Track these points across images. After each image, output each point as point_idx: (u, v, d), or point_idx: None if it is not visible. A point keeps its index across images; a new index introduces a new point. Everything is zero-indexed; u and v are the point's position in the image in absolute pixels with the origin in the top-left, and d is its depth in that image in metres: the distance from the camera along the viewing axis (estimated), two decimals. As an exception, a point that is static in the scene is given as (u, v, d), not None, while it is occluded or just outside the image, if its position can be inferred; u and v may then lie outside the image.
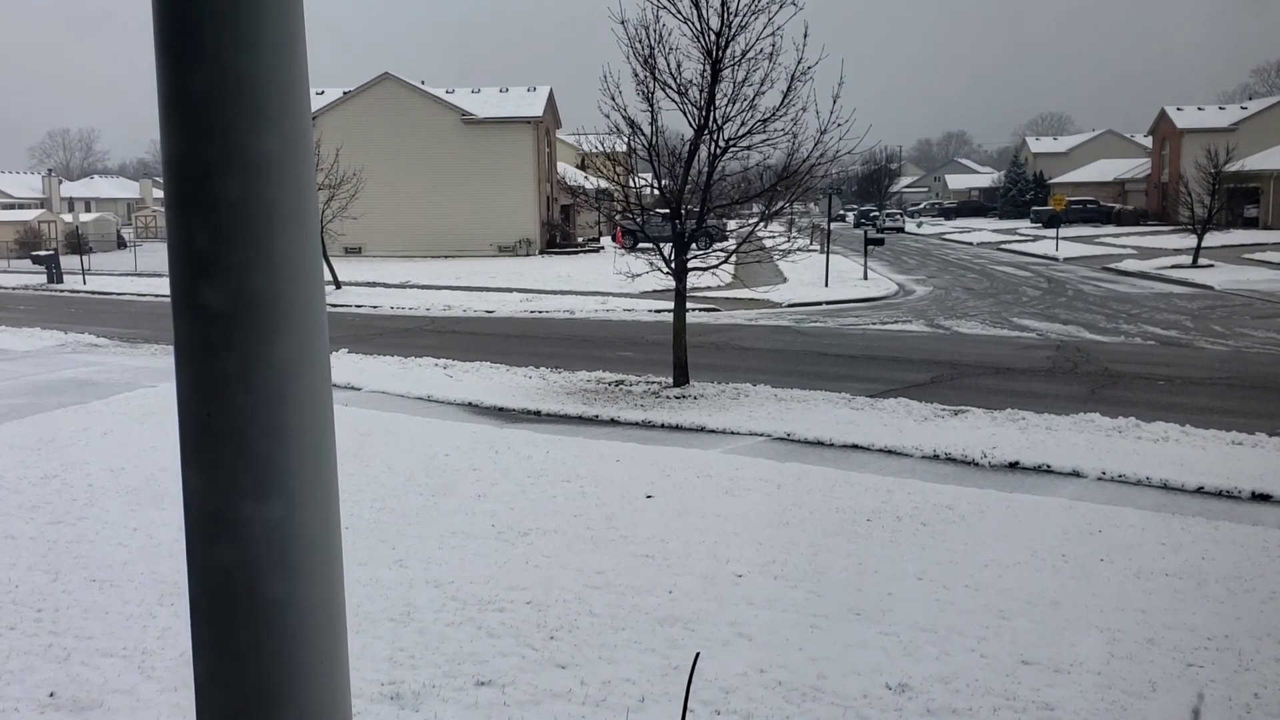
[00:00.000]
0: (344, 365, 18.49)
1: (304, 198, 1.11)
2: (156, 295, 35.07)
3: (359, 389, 16.50)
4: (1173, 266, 39.56)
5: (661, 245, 16.72)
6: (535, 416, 14.68)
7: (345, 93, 56.01)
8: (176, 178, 1.07)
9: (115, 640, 6.55)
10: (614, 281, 24.24)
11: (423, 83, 57.82)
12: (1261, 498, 10.29)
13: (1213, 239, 42.13)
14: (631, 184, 17.34)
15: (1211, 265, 39.14)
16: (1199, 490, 10.56)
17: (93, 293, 37.73)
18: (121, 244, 64.90)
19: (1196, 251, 40.43)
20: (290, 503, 1.11)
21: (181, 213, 1.07)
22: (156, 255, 50.02)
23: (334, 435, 1.18)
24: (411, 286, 37.33)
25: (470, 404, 15.53)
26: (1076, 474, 11.20)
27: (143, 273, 43.43)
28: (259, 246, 1.07)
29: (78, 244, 46.58)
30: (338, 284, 35.61)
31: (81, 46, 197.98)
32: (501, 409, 15.16)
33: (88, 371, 18.42)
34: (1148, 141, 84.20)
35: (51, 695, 5.80)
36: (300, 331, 1.10)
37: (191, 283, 1.08)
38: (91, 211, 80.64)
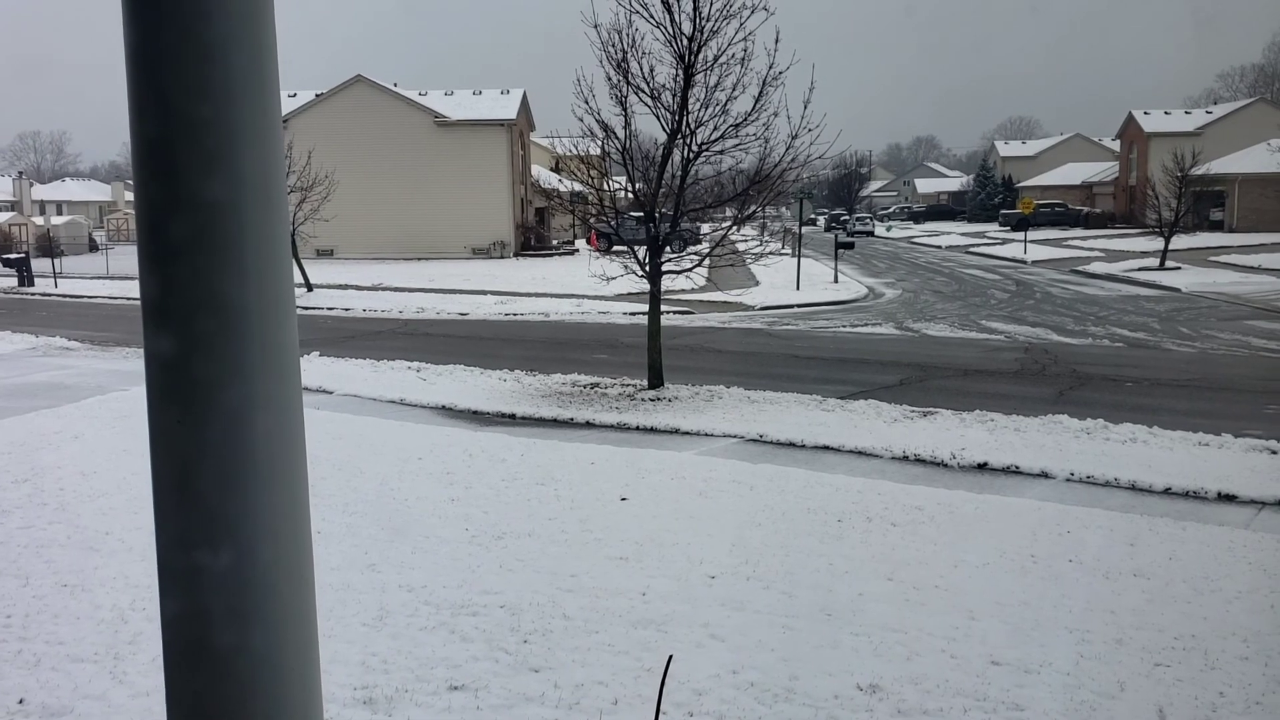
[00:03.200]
0: (315, 368, 18.41)
1: (270, 240, 1.08)
2: (128, 298, 34.77)
3: (330, 392, 16.44)
4: (1140, 269, 40.00)
5: (636, 248, 16.75)
6: (510, 420, 14.67)
7: (317, 95, 55.76)
8: (141, 221, 1.07)
9: (86, 645, 6.51)
10: (589, 284, 24.24)
11: (395, 85, 57.67)
12: (1227, 498, 10.43)
13: (1179, 242, 42.65)
14: (606, 187, 17.36)
15: (1178, 268, 39.61)
16: (1166, 491, 10.69)
17: (64, 296, 37.37)
18: (93, 247, 64.34)
19: (1163, 254, 40.90)
20: (243, 550, 1.09)
21: (144, 257, 1.07)
22: (128, 258, 49.61)
23: (304, 476, 1.14)
24: (384, 289, 37.19)
25: (444, 407, 15.51)
26: (1045, 475, 11.31)
27: (114, 276, 43.04)
28: (214, 291, 1.04)
29: (49, 247, 46.18)
30: (309, 286, 35.44)
31: (53, 48, 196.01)
32: (476, 412, 15.14)
33: (59, 375, 18.25)
34: (1115, 145, 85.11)
35: (21, 702, 5.76)
36: (255, 376, 1.07)
37: (149, 327, 1.07)
38: (63, 214, 79.95)
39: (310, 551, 1.18)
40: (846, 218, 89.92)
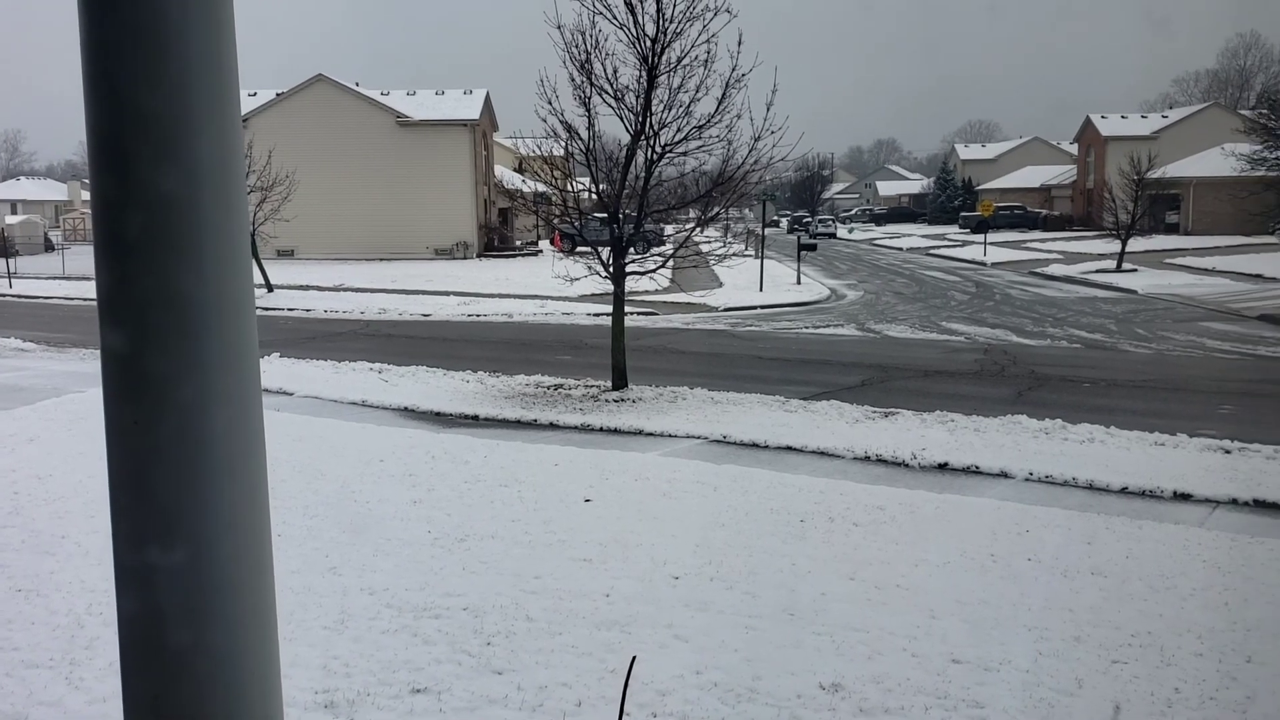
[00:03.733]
0: (276, 370, 18.26)
1: (228, 234, 1.07)
2: (85, 299, 34.28)
3: (291, 394, 16.30)
4: (1097, 271, 40.50)
5: (599, 249, 16.76)
6: (473, 421, 14.61)
7: (278, 94, 55.28)
8: (96, 214, 1.06)
9: (41, 651, 6.42)
10: (552, 285, 24.22)
11: (357, 84, 57.28)
12: (1182, 497, 10.58)
13: (1136, 244, 43.24)
14: (569, 188, 17.34)
15: (1135, 270, 40.15)
16: (1123, 490, 10.83)
17: (19, 296, 36.75)
18: (49, 247, 63.22)
19: (1120, 256, 41.44)
20: (198, 548, 1.09)
21: (99, 250, 1.05)
22: (85, 258, 48.90)
23: (264, 472, 1.14)
24: (345, 289, 36.93)
25: (406, 409, 15.42)
26: (1005, 475, 11.42)
27: (71, 276, 42.41)
28: (168, 286, 1.03)
29: (3, 247, 45.37)
30: (270, 287, 35.12)
31: (6, 44, 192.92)
32: (438, 414, 15.07)
33: (13, 377, 17.96)
34: (1073, 149, 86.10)
35: (-25, 709, 5.68)
36: (211, 371, 1.06)
37: (104, 322, 1.06)
38: (17, 214, 78.48)
39: (270, 548, 1.17)
40: (809, 219, 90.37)
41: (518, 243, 60.07)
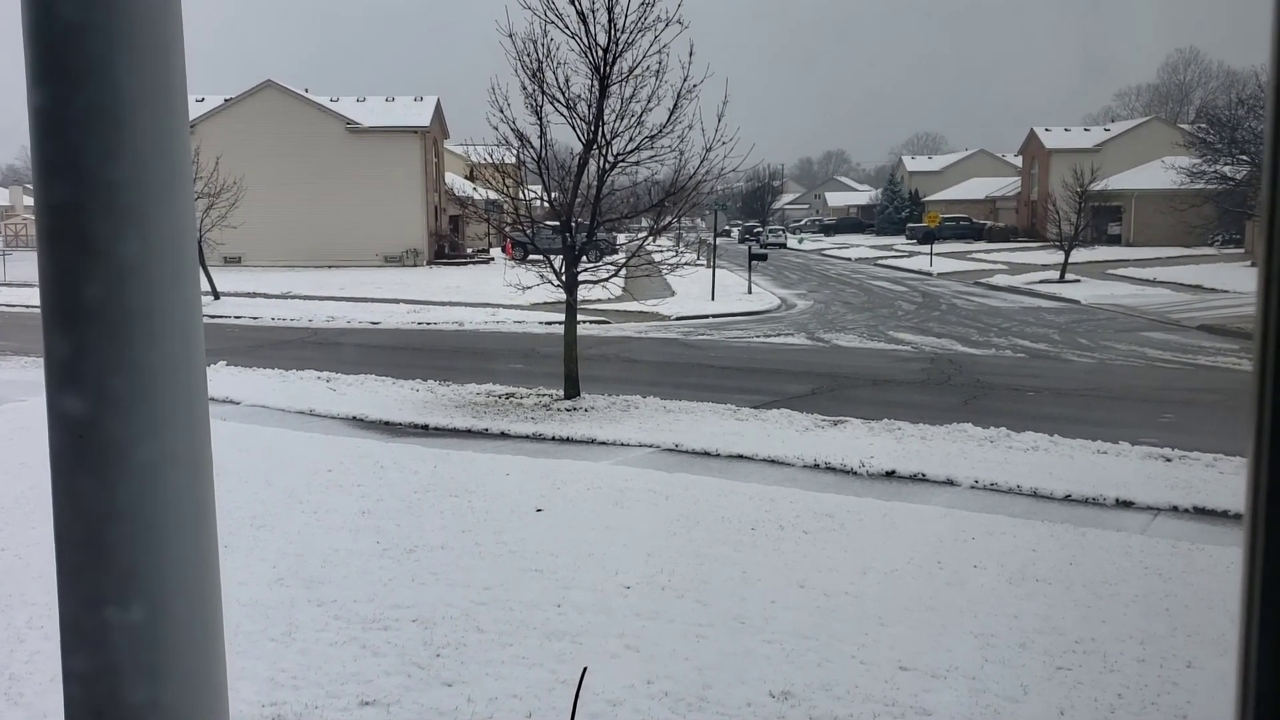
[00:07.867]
0: (222, 378, 18.02)
1: (181, 301, 1.08)
2: (27, 306, 33.58)
3: (238, 403, 16.10)
4: (1041, 282, 41.12)
5: (552, 257, 16.75)
6: (423, 430, 14.52)
7: (226, 100, 54.68)
8: (43, 281, 1.06)
9: (-21, 667, 6.28)
10: (504, 293, 24.10)
11: (306, 91, 56.80)
12: (1124, 504, 10.76)
13: (1079, 255, 43.96)
14: (521, 196, 17.32)
15: (1078, 280, 40.80)
16: (1067, 498, 10.99)
17: (-47, 303, 35.96)
18: (-13, 252, 61.94)
19: (1064, 267, 42.11)
20: (155, 607, 1.09)
21: (50, 317, 1.06)
22: (27, 264, 47.96)
23: (214, 530, 1.16)
24: (293, 297, 36.55)
25: (354, 418, 15.29)
26: (951, 482, 11.55)
27: (12, 283, 41.56)
28: (121, 353, 1.05)
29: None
30: (216, 295, 34.66)
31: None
32: (387, 423, 14.96)
33: (-53, 385, 17.57)
34: (1018, 161, 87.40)
35: (-90, 726, 5.55)
36: (167, 433, 1.08)
37: (56, 388, 1.06)
38: (-47, 218, 76.81)
39: (220, 606, 1.18)
40: (760, 230, 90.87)
41: (469, 250, 59.81)
